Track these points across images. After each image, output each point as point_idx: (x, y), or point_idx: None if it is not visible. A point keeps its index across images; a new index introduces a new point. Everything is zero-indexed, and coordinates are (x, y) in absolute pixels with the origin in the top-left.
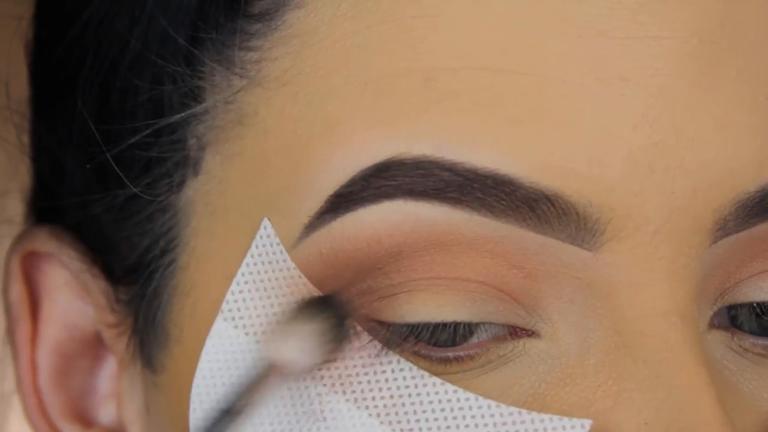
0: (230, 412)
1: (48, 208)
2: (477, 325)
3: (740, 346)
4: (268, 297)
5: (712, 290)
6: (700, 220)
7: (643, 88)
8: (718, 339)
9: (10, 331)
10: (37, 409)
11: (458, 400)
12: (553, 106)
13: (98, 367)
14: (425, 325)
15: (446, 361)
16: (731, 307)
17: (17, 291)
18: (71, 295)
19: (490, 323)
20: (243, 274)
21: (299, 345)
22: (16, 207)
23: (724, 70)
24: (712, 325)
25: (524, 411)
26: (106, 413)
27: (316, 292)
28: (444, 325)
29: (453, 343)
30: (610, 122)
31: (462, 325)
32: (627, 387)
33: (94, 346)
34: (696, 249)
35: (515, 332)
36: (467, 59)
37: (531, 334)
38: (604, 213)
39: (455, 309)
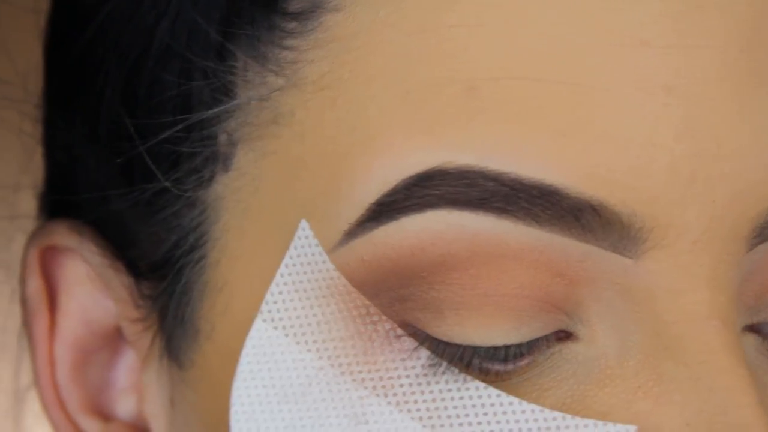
0: None
1: (64, 203)
2: (527, 344)
3: (767, 349)
4: (308, 299)
5: (751, 295)
6: (737, 228)
7: (685, 97)
8: (751, 342)
9: (27, 326)
10: (55, 404)
11: (501, 404)
12: (597, 116)
13: (116, 360)
14: (477, 347)
15: (491, 372)
16: None
17: (35, 285)
18: (91, 289)
19: (539, 338)
20: (282, 275)
21: None
22: (29, 202)
23: (763, 78)
24: (746, 328)
25: (568, 416)
26: (124, 407)
27: (356, 294)
28: (495, 348)
29: (504, 361)
30: (654, 132)
31: (513, 347)
32: (668, 388)
33: (112, 340)
34: (734, 256)
35: (557, 335)
36: (509, 69)
37: (569, 336)
38: (647, 222)
39: (505, 333)
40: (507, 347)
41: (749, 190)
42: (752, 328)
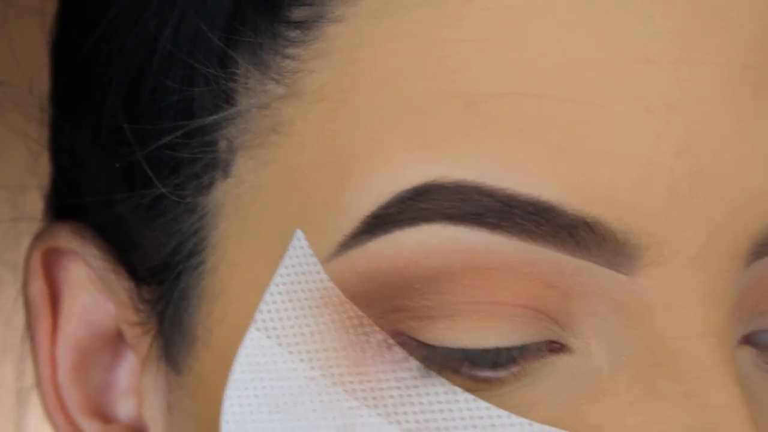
0: None
1: (69, 205)
2: (519, 348)
3: (765, 362)
4: (301, 308)
5: (746, 309)
6: (736, 245)
7: (687, 115)
8: (746, 355)
9: (29, 327)
10: (56, 405)
11: (490, 417)
12: (597, 133)
13: (117, 363)
14: (466, 350)
15: (481, 380)
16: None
17: (38, 287)
18: (93, 292)
19: (531, 343)
20: (276, 285)
21: None
22: (36, 203)
23: (765, 95)
24: (741, 341)
25: (557, 430)
26: (124, 409)
27: (349, 305)
28: (486, 351)
29: (494, 366)
30: (654, 150)
31: (504, 350)
32: (660, 404)
33: (113, 343)
34: (732, 273)
35: (550, 346)
36: (511, 85)
37: (562, 348)
38: (644, 239)
39: (497, 336)
40: (498, 351)
41: (749, 208)
42: (747, 340)
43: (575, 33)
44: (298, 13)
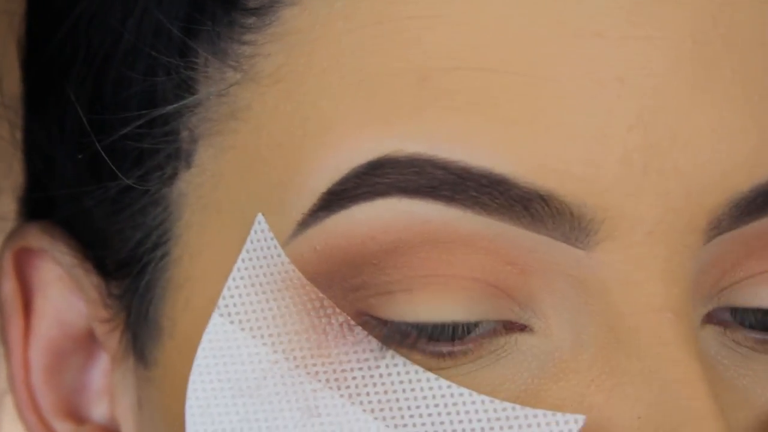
0: None
1: (40, 203)
2: (475, 323)
3: (732, 340)
4: (264, 293)
5: (707, 287)
6: (694, 220)
7: (638, 89)
8: (712, 334)
9: (3, 329)
10: (29, 406)
11: (452, 395)
12: (549, 107)
13: (91, 363)
14: (424, 325)
15: (439, 355)
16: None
17: (10, 287)
18: (64, 291)
19: (487, 321)
20: (239, 270)
21: None
22: (9, 204)
23: (719, 71)
24: (706, 320)
25: (518, 406)
26: (99, 410)
27: (310, 287)
28: (444, 326)
29: (453, 342)
30: (606, 123)
31: (461, 325)
32: (620, 381)
33: (87, 343)
34: (691, 248)
35: (509, 326)
36: (463, 60)
37: (524, 328)
38: (598, 213)
39: (454, 309)
40: (456, 326)
41: (705, 182)
42: (711, 319)
43: (525, 7)
44: (255, 1)
